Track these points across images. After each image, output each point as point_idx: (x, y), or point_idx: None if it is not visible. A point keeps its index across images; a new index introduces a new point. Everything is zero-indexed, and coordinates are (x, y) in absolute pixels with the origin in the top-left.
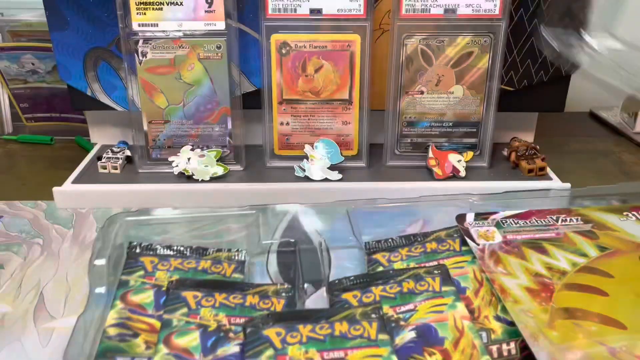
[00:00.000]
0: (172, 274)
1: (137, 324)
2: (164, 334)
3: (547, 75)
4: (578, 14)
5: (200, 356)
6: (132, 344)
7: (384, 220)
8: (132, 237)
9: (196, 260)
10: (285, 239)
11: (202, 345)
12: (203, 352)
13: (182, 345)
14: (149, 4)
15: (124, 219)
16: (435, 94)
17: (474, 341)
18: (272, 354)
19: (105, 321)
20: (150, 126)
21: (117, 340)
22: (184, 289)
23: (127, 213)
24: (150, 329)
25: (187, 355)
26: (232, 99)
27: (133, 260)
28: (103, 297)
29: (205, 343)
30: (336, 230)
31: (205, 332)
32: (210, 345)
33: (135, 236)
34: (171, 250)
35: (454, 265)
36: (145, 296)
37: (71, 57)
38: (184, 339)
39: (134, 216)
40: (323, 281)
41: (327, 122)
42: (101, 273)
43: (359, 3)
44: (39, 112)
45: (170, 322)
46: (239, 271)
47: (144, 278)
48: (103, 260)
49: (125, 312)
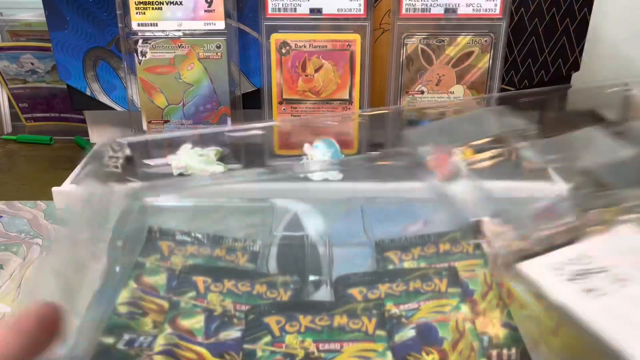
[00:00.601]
0: (186, 259)
1: (148, 304)
2: (170, 314)
3: (547, 75)
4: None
5: (202, 338)
6: (140, 322)
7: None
8: (152, 222)
9: (211, 248)
10: (291, 233)
11: (205, 328)
12: (206, 335)
13: (187, 327)
14: (148, 4)
15: (144, 204)
16: (436, 94)
17: (472, 343)
18: (270, 341)
19: (117, 299)
20: (150, 126)
21: (126, 317)
22: (195, 274)
23: (148, 198)
24: (159, 310)
25: (190, 336)
26: (231, 99)
27: (151, 244)
28: (118, 276)
29: (209, 326)
30: (340, 227)
31: (211, 316)
32: (214, 329)
33: (155, 221)
34: (189, 236)
35: (466, 268)
36: (158, 278)
37: (70, 56)
38: (189, 320)
39: (155, 202)
40: (327, 276)
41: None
42: (119, 254)
43: (359, 2)
44: (38, 112)
45: (178, 304)
46: (252, 261)
47: (159, 262)
48: (121, 242)
49: (138, 292)
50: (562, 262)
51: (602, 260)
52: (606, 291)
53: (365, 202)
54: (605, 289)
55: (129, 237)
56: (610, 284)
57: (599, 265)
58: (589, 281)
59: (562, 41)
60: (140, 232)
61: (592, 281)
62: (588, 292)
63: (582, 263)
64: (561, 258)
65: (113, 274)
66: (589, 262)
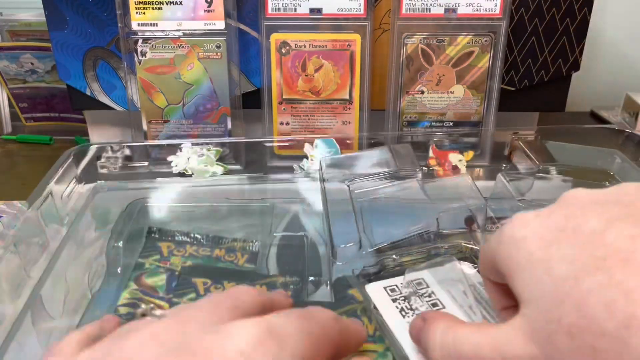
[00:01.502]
0: (185, 260)
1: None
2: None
3: (547, 75)
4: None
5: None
6: None
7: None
8: (151, 223)
9: (211, 248)
10: (291, 233)
11: None
12: None
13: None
14: (148, 4)
15: (144, 205)
16: (436, 94)
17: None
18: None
19: (118, 300)
20: (150, 126)
21: (126, 319)
22: (195, 275)
23: (147, 199)
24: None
25: None
26: (231, 99)
27: (151, 244)
28: (118, 277)
29: None
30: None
31: None
32: None
33: (154, 222)
34: (188, 237)
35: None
36: (158, 279)
37: (70, 56)
38: None
39: (155, 202)
40: (327, 276)
41: (327, 122)
42: (118, 255)
43: (359, 2)
44: (38, 112)
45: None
46: (251, 261)
47: (159, 262)
48: (120, 243)
49: (138, 293)
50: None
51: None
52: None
53: (364, 202)
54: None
55: (129, 238)
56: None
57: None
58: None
59: (562, 41)
60: (140, 233)
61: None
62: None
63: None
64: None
65: (113, 274)
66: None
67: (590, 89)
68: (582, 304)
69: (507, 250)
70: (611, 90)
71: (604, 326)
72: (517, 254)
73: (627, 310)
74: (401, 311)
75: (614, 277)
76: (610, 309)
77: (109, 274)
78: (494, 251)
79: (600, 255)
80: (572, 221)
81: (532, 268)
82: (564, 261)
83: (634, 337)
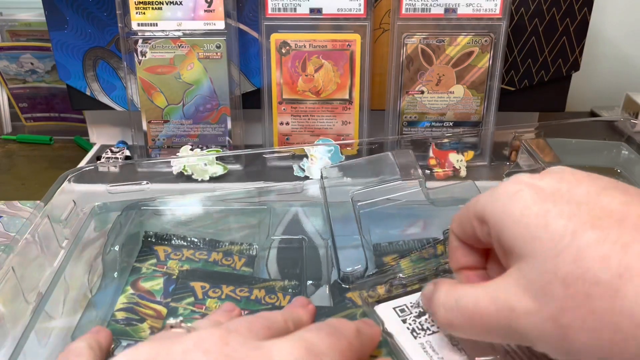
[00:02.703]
0: (183, 264)
1: (145, 309)
2: (167, 320)
3: (547, 75)
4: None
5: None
6: (137, 329)
7: (385, 220)
8: (148, 227)
9: (208, 252)
10: (290, 236)
11: None
12: None
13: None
14: (148, 4)
15: (140, 209)
16: (436, 94)
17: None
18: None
19: (114, 305)
20: (150, 126)
21: (123, 324)
22: (192, 279)
23: (143, 203)
24: (156, 315)
25: None
26: (231, 99)
27: (147, 248)
28: (115, 282)
29: None
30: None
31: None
32: None
33: (151, 226)
34: (185, 241)
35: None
36: (154, 283)
37: (70, 56)
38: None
39: (151, 206)
40: (325, 279)
41: (327, 122)
42: (114, 259)
43: (359, 2)
44: (38, 112)
45: (176, 310)
46: (249, 265)
47: (155, 266)
48: (117, 247)
49: (135, 297)
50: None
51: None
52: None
53: (363, 204)
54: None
55: (125, 242)
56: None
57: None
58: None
59: (562, 41)
60: (136, 237)
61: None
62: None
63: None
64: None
65: (110, 278)
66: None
67: (590, 89)
68: (578, 257)
69: (501, 204)
70: (611, 90)
71: (599, 276)
72: (512, 207)
73: (622, 263)
74: (412, 332)
75: (610, 235)
76: (605, 261)
77: (106, 278)
78: (482, 206)
79: (596, 215)
80: (566, 184)
81: (528, 222)
82: (561, 217)
83: (626, 284)
